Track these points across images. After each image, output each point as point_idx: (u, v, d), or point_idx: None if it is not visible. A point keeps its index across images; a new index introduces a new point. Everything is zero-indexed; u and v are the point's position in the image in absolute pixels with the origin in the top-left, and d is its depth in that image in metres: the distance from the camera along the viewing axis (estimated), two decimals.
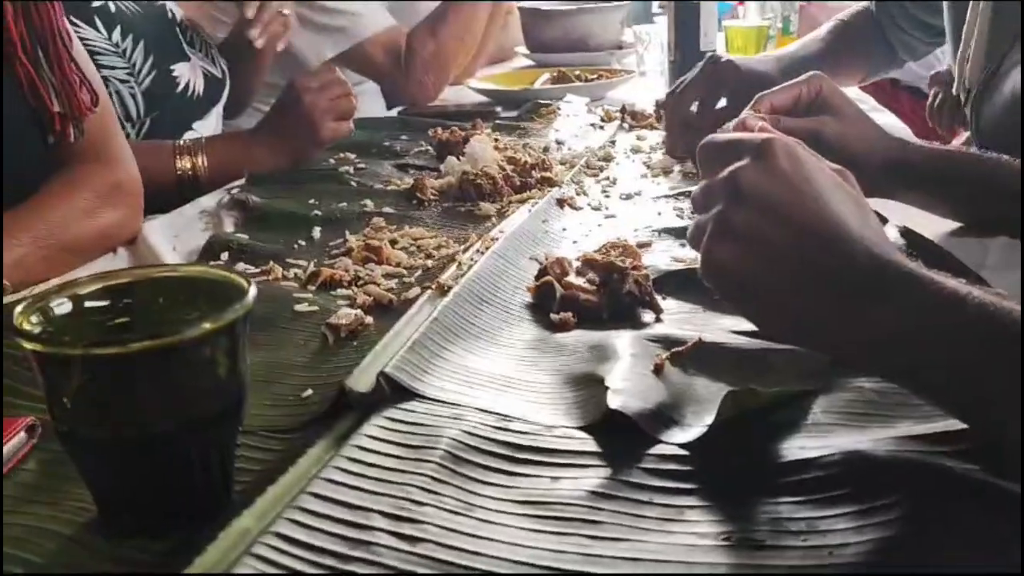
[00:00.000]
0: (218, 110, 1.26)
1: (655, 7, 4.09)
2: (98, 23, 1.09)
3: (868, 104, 1.44)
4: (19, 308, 0.42)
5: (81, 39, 1.02)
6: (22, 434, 0.51)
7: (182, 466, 0.43)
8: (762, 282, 0.47)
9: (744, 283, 0.47)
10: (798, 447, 0.47)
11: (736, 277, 0.47)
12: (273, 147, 1.14)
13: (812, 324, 0.46)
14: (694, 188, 0.52)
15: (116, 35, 1.12)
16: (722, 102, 1.08)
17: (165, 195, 1.05)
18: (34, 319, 0.42)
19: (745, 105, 0.81)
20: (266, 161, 1.12)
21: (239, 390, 0.44)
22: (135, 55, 1.13)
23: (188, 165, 1.08)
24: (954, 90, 1.11)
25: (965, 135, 1.23)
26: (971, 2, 1.08)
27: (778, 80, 1.18)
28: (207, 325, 0.40)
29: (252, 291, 0.43)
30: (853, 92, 1.49)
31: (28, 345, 0.39)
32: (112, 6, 1.12)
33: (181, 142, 1.11)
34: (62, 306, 0.44)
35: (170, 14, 1.24)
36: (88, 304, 0.45)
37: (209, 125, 1.23)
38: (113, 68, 1.09)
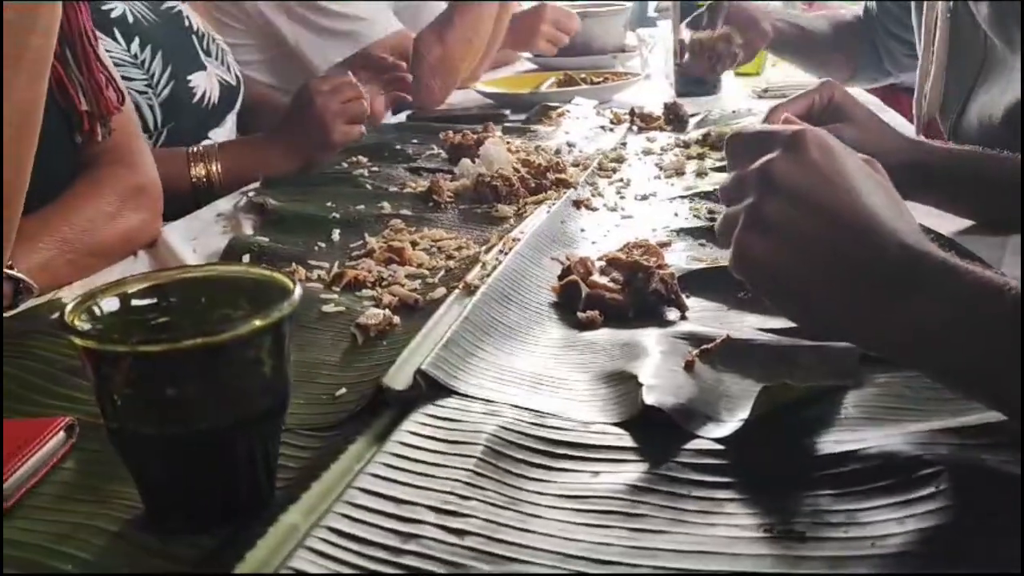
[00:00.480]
0: (233, 117, 1.27)
1: (651, 9, 4.10)
2: (117, 34, 1.09)
3: (875, 104, 1.46)
4: (70, 306, 0.42)
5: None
6: (61, 434, 0.51)
7: (229, 463, 0.43)
8: (795, 273, 0.47)
9: (777, 275, 0.48)
10: (833, 441, 0.47)
11: (769, 269, 0.48)
12: (286, 150, 1.15)
13: (846, 316, 0.46)
14: (722, 180, 0.53)
15: (135, 46, 1.13)
16: None
17: (180, 201, 1.06)
18: (84, 316, 0.43)
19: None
20: (280, 164, 1.13)
21: (284, 388, 0.44)
22: (153, 66, 1.13)
23: (203, 172, 1.09)
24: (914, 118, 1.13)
25: None
26: (922, 43, 1.10)
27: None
28: (257, 322, 0.41)
29: (298, 290, 0.44)
30: (858, 94, 1.51)
31: (79, 342, 0.40)
32: (130, 16, 1.12)
33: (195, 149, 1.11)
34: (110, 304, 0.45)
35: (187, 21, 1.25)
36: (134, 303, 0.46)
37: (224, 132, 1.24)
38: (132, 80, 1.10)
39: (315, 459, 0.48)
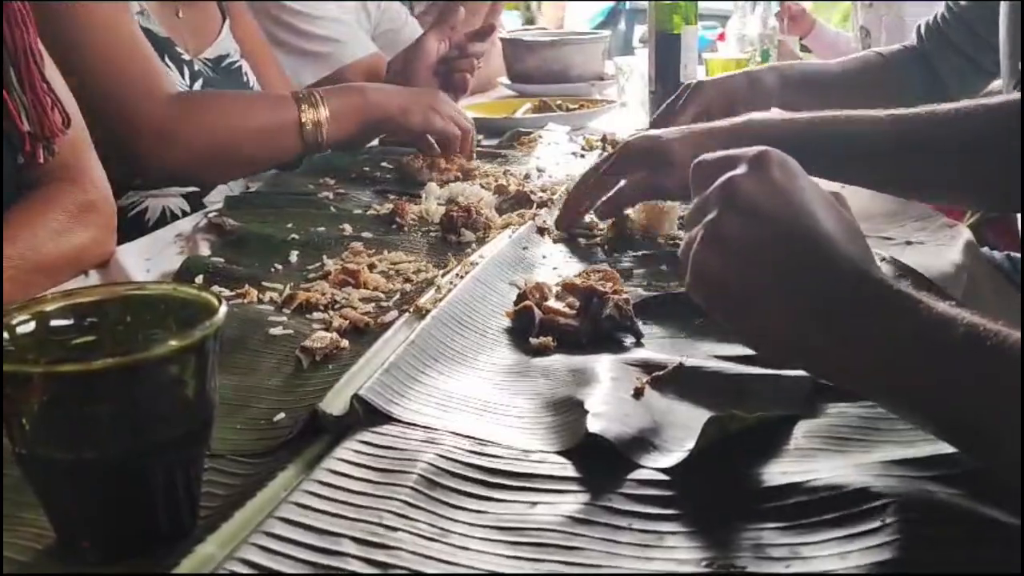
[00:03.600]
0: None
1: (636, 40, 4.14)
2: (185, 74, 1.14)
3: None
4: None
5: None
6: None
7: (146, 490, 0.41)
8: (749, 293, 0.46)
9: (731, 293, 0.47)
10: (780, 472, 0.46)
11: (723, 287, 0.47)
12: (393, 99, 1.17)
13: (798, 340, 0.45)
14: (687, 209, 0.51)
15: (197, 86, 1.18)
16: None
17: (287, 148, 1.11)
18: None
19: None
20: (385, 107, 1.16)
21: (207, 411, 0.43)
22: None
23: (312, 116, 1.10)
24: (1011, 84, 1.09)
25: None
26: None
27: (772, 95, 1.18)
28: (174, 343, 0.39)
29: (223, 309, 0.42)
30: None
31: None
32: (196, 64, 1.18)
33: (300, 92, 1.13)
34: (25, 324, 0.43)
35: (245, 77, 1.29)
36: (53, 323, 0.44)
37: (238, 183, 1.25)
38: None
39: (243, 486, 0.46)
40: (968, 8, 1.25)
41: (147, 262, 0.86)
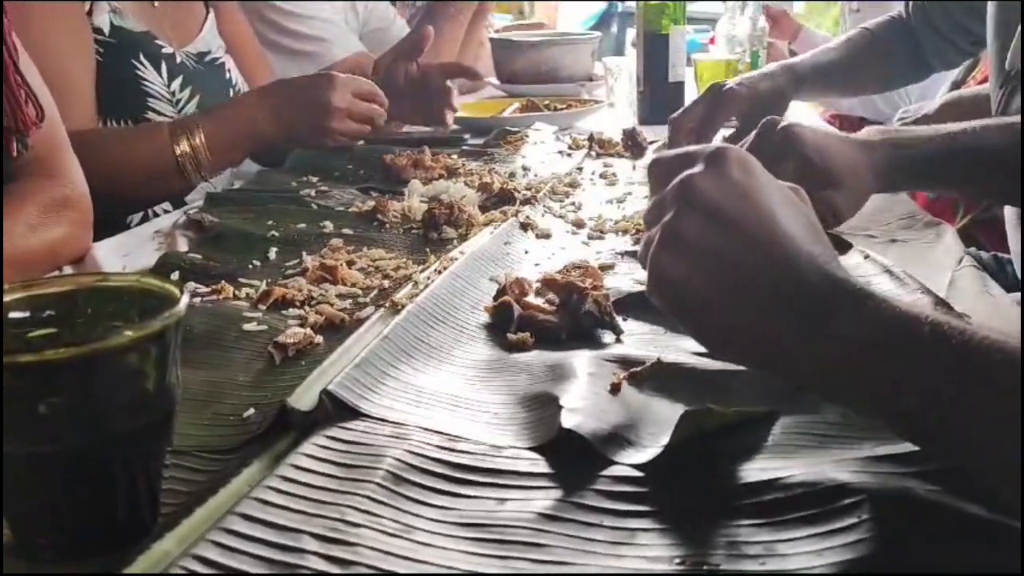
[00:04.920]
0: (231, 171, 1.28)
1: (629, 43, 4.13)
2: (163, 68, 1.12)
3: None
4: None
5: (142, 79, 1.05)
6: None
7: (105, 485, 0.40)
8: (708, 295, 0.45)
9: (689, 295, 0.45)
10: (758, 468, 0.45)
11: (681, 289, 0.46)
12: (275, 116, 1.13)
13: (758, 342, 0.44)
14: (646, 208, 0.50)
15: (176, 84, 1.16)
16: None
17: (166, 182, 1.07)
18: None
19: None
20: (266, 130, 1.13)
21: (168, 403, 0.41)
22: (188, 107, 1.18)
23: (186, 147, 1.07)
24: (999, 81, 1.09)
25: None
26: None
27: (788, 95, 1.19)
28: (130, 333, 0.38)
29: (184, 299, 0.41)
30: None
31: None
32: (179, 57, 1.16)
33: (179, 120, 1.10)
34: None
35: (228, 74, 1.28)
36: (11, 315, 0.43)
37: (222, 181, 1.23)
38: (162, 114, 1.14)
39: (207, 482, 0.45)
40: None
41: (124, 258, 0.85)
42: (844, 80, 1.40)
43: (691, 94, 1.63)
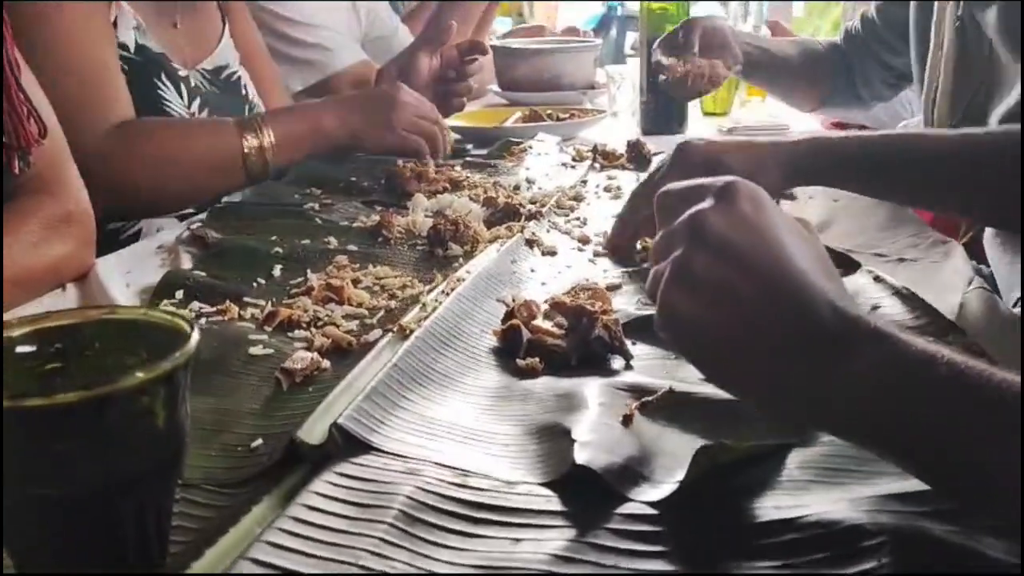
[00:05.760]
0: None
1: (628, 47, 4.13)
2: (182, 89, 1.12)
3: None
4: None
5: (164, 98, 1.05)
6: None
7: (113, 526, 0.39)
8: (718, 332, 0.44)
9: (699, 332, 0.45)
10: (772, 506, 0.44)
11: (691, 325, 0.45)
12: (341, 121, 1.15)
13: (768, 380, 0.43)
14: (653, 240, 0.50)
15: (195, 105, 1.16)
16: None
17: (227, 177, 1.08)
18: None
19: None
20: (332, 133, 1.14)
21: (177, 443, 0.41)
22: None
23: (255, 144, 1.07)
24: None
25: None
26: (932, 48, 1.10)
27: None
28: (140, 375, 0.37)
29: (195, 337, 0.40)
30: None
31: None
32: (193, 80, 1.15)
33: (244, 118, 1.10)
34: None
35: (244, 90, 1.28)
36: (18, 350, 0.42)
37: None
38: None
39: (217, 519, 0.44)
40: (881, 13, 1.29)
41: (127, 275, 0.84)
42: (781, 81, 1.44)
43: (694, 104, 1.63)
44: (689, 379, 0.59)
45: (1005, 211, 0.78)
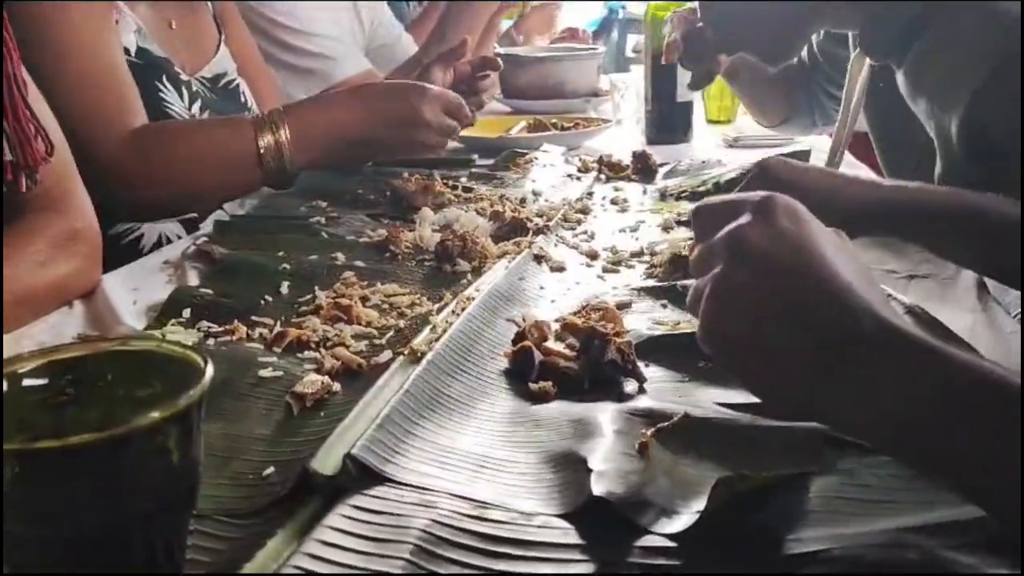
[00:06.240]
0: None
1: (630, 50, 4.11)
2: (184, 93, 1.11)
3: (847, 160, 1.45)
4: None
5: (165, 101, 1.05)
6: None
7: (123, 564, 0.39)
8: (763, 346, 0.44)
9: (744, 348, 0.45)
10: (795, 539, 0.44)
11: (736, 341, 0.45)
12: (362, 117, 1.13)
13: (813, 392, 0.43)
14: (692, 254, 0.50)
15: (196, 108, 1.16)
16: None
17: (244, 175, 1.08)
18: None
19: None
20: (352, 127, 1.12)
21: (191, 479, 0.40)
22: None
23: (271, 141, 1.06)
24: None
25: None
26: (841, 106, 1.09)
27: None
28: (157, 415, 0.36)
29: (209, 372, 0.40)
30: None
31: None
32: (194, 84, 1.15)
33: (260, 115, 1.09)
34: None
35: (242, 97, 1.28)
36: (28, 382, 0.42)
37: (234, 206, 1.22)
38: None
39: (230, 552, 0.44)
40: (820, 44, 1.28)
41: (134, 292, 0.84)
42: (754, 91, 1.42)
43: (698, 108, 1.63)
44: (704, 403, 0.58)
45: None
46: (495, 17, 1.80)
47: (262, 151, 1.06)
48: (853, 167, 1.28)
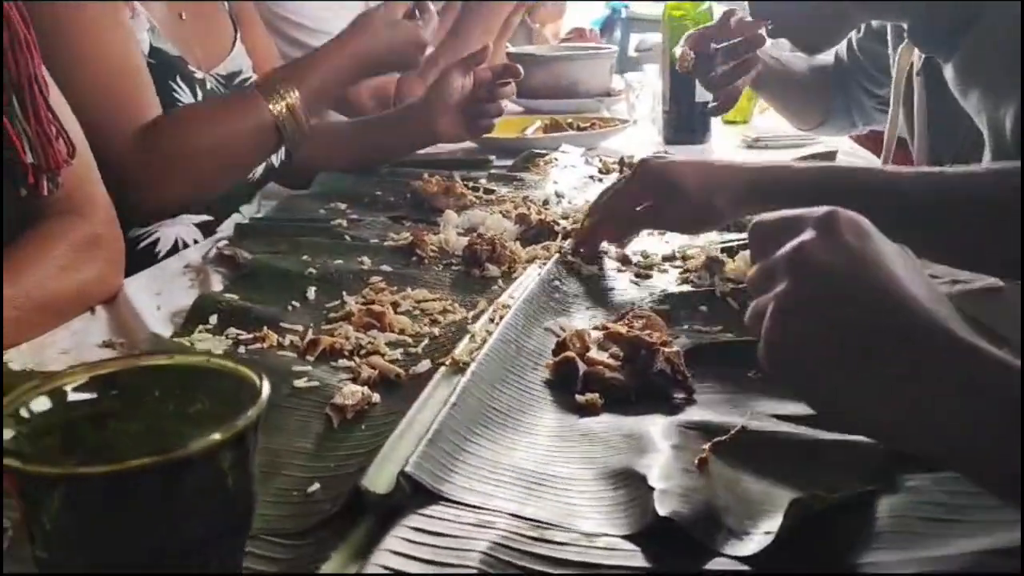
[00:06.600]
0: (259, 197, 1.25)
1: (632, 49, 4.09)
2: (198, 92, 1.09)
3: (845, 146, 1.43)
4: None
5: (179, 101, 1.04)
6: None
7: None
8: (831, 366, 0.42)
9: (812, 367, 0.43)
10: (871, 562, 0.42)
11: (804, 360, 0.43)
12: (353, 52, 1.11)
13: (885, 411, 0.42)
14: (749, 272, 0.48)
15: None
16: None
17: (269, 146, 1.07)
18: (10, 422, 0.36)
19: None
20: (349, 67, 1.11)
21: (248, 501, 0.38)
22: None
23: (282, 107, 1.04)
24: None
25: None
26: (891, 105, 1.08)
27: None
28: (217, 436, 0.35)
29: (266, 390, 0.38)
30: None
31: (4, 460, 0.33)
32: (208, 83, 1.13)
33: (263, 84, 1.07)
34: (41, 403, 0.38)
35: None
36: (72, 398, 0.40)
37: (251, 209, 1.21)
38: None
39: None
40: (862, 46, 1.26)
41: (157, 297, 0.82)
42: (787, 96, 1.40)
43: None
44: (758, 415, 0.57)
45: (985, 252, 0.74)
46: (510, 17, 1.78)
47: (281, 119, 1.04)
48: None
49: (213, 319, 0.74)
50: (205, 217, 1.11)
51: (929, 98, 1.03)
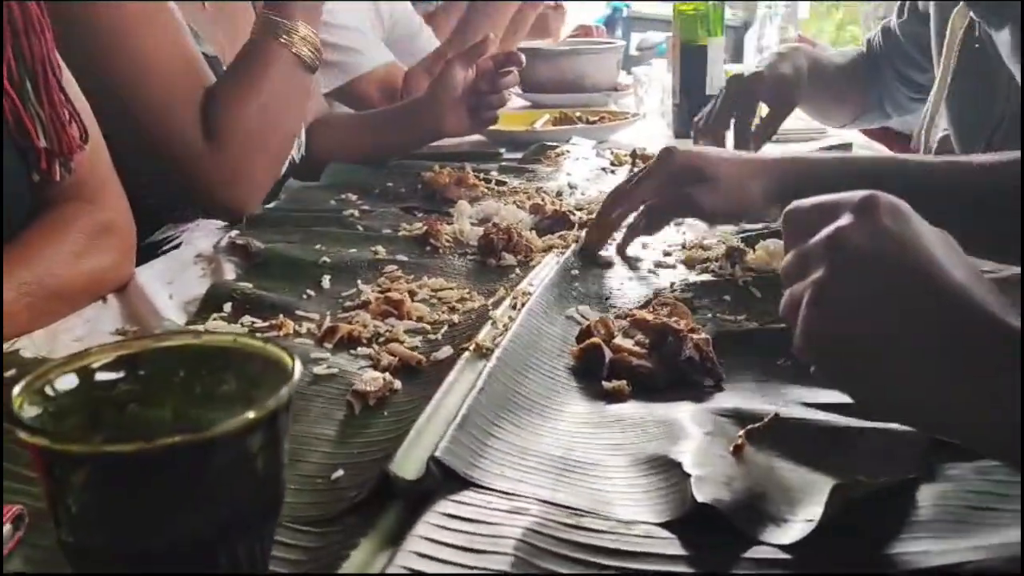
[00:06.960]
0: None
1: (633, 48, 4.09)
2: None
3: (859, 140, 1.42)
4: (18, 387, 0.35)
5: None
6: (7, 526, 0.43)
7: None
8: (873, 354, 0.41)
9: (853, 354, 0.42)
10: (918, 551, 0.41)
11: (843, 348, 0.42)
12: None
13: (929, 400, 0.40)
14: (784, 259, 0.46)
15: None
16: None
17: (305, 83, 1.05)
18: (35, 399, 0.35)
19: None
20: None
21: (278, 484, 0.37)
22: None
23: (295, 39, 1.01)
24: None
25: None
26: (939, 75, 1.06)
27: (805, 75, 1.16)
28: (250, 415, 0.33)
29: (298, 369, 0.37)
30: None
31: (29, 439, 0.32)
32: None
33: (266, 26, 1.01)
34: (66, 381, 0.37)
35: None
36: (98, 378, 0.38)
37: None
38: None
39: (310, 564, 0.41)
40: (903, 27, 1.25)
41: (169, 286, 0.81)
42: (818, 97, 1.38)
43: None
44: (790, 401, 0.55)
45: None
46: (525, 16, 1.76)
47: (300, 56, 1.01)
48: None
49: (227, 307, 0.73)
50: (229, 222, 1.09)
51: (964, 74, 1.01)
